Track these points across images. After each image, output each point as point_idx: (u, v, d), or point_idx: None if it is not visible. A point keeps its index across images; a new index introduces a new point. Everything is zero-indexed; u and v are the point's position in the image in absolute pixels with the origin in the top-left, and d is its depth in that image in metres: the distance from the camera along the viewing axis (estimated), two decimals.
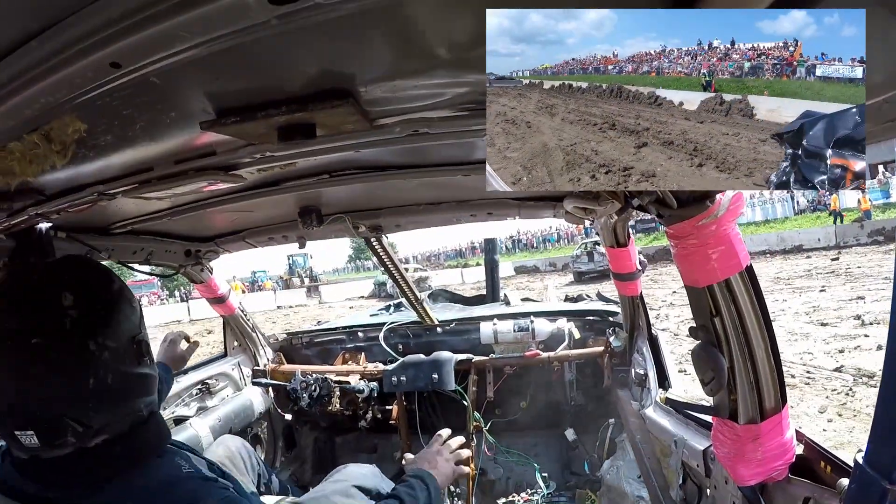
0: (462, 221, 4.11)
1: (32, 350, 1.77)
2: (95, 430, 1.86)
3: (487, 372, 5.67)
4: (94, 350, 1.83)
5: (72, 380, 1.81)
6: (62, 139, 1.66)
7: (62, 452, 1.83)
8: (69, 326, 1.81)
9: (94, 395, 1.83)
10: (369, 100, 1.70)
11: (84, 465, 1.86)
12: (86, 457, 1.86)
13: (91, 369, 1.83)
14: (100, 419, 1.86)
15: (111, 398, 1.89)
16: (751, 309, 2.34)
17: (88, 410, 1.83)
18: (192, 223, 3.76)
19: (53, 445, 1.81)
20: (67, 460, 1.84)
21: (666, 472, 3.66)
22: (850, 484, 1.92)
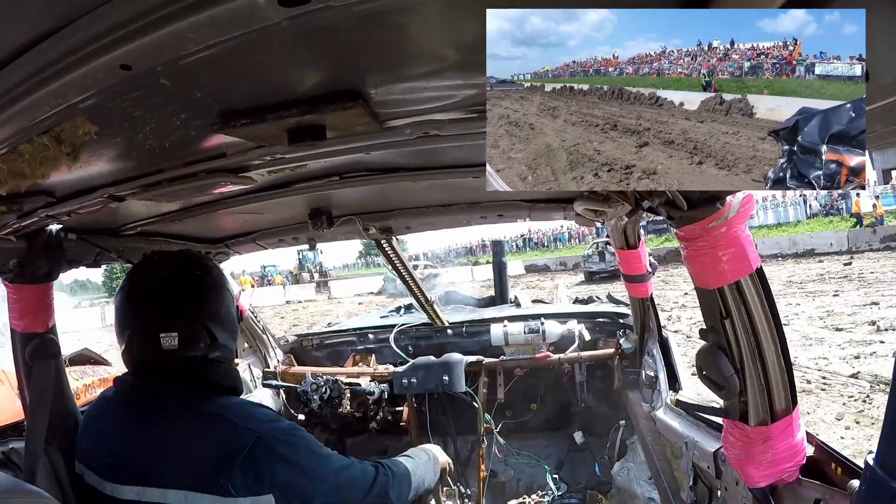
0: (472, 223, 4.11)
1: (191, 278, 2.59)
2: (218, 346, 2.58)
3: (498, 374, 5.67)
4: (225, 292, 2.67)
5: (212, 303, 2.60)
6: (72, 141, 1.66)
7: (194, 354, 2.50)
8: (213, 273, 2.66)
9: (222, 318, 2.61)
10: (379, 101, 1.70)
11: (203, 370, 2.54)
12: (206, 365, 2.55)
13: (223, 302, 2.64)
14: (222, 338, 2.59)
15: (230, 327, 2.67)
16: (761, 311, 2.33)
17: (217, 328, 2.56)
18: (202, 225, 3.76)
19: (188, 348, 2.47)
20: (193, 362, 2.51)
21: (676, 473, 3.65)
22: (860, 486, 1.92)
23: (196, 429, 2.39)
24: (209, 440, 2.34)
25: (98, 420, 2.66)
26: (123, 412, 2.55)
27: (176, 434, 2.39)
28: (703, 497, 3.23)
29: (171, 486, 2.29)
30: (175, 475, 2.30)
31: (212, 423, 2.38)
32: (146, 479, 2.34)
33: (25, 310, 3.18)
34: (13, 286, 3.11)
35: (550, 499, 5.40)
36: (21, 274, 3.03)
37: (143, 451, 2.40)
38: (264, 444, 2.31)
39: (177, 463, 2.32)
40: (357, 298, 55.26)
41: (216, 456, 2.29)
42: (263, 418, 2.44)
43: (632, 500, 4.42)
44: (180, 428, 2.40)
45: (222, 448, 2.30)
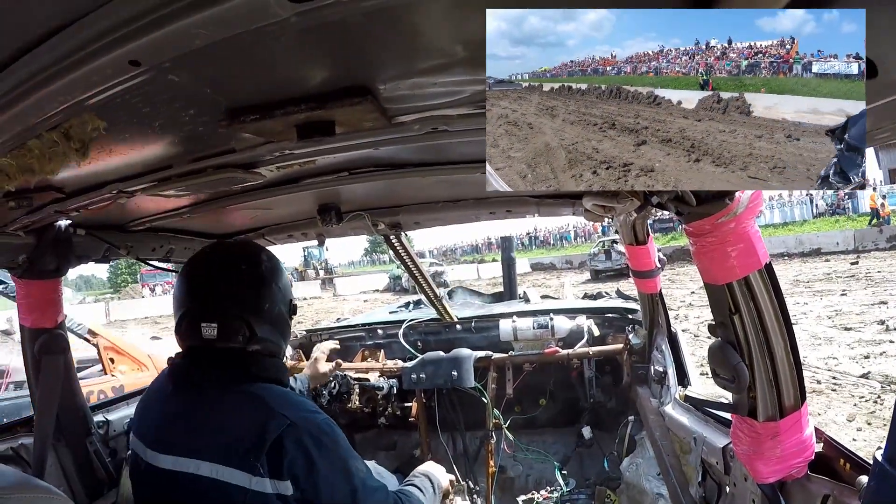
0: (481, 219, 4.11)
1: (238, 273, 2.70)
2: (256, 339, 2.66)
3: (507, 369, 5.66)
4: (273, 288, 2.75)
5: (256, 298, 2.69)
6: (81, 137, 1.66)
7: (231, 346, 2.62)
8: (263, 268, 2.75)
9: (265, 314, 2.70)
10: (388, 97, 1.70)
11: (243, 360, 2.64)
12: (245, 356, 2.65)
13: (269, 298, 2.73)
14: (262, 332, 2.67)
15: (273, 322, 2.74)
16: (770, 306, 2.33)
17: (258, 322, 2.66)
18: (211, 220, 3.76)
19: (226, 339, 2.60)
20: (232, 352, 2.63)
21: (685, 469, 3.65)
22: (869, 481, 1.92)
23: (234, 408, 2.54)
24: (245, 420, 2.47)
25: (152, 394, 2.87)
26: (171, 389, 2.71)
27: (215, 411, 2.55)
28: (711, 493, 3.22)
29: (205, 459, 2.43)
30: (209, 449, 2.44)
31: (250, 404, 2.51)
32: (183, 450, 2.49)
33: (34, 305, 3.20)
34: (22, 281, 3.12)
35: (559, 494, 5.39)
36: (30, 269, 3.05)
37: (184, 424, 2.57)
38: (295, 433, 2.41)
39: (212, 438, 2.46)
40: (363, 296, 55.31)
41: (249, 435, 2.40)
42: (300, 407, 2.55)
43: (640, 496, 4.42)
44: (220, 406, 2.56)
45: (256, 428, 2.41)
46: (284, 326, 2.86)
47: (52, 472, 3.31)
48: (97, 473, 3.55)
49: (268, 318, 2.71)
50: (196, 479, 2.42)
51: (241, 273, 2.72)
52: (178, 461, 2.48)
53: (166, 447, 2.54)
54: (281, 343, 2.84)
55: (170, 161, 2.17)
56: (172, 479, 2.49)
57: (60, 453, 3.39)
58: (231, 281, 2.69)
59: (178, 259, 4.16)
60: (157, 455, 2.55)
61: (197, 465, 2.43)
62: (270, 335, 2.73)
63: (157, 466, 2.54)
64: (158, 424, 2.66)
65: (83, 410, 3.51)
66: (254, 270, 2.74)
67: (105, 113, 1.58)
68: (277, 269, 2.84)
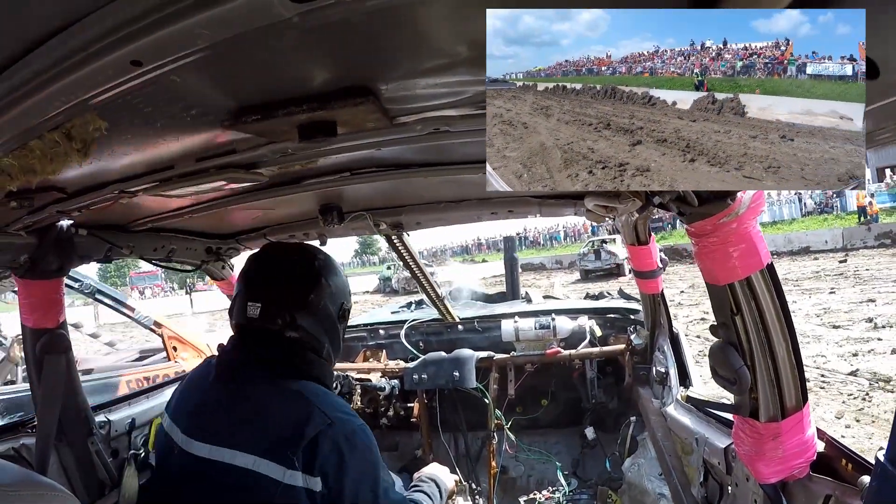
0: (483, 219, 4.12)
1: (292, 263, 2.90)
2: (295, 326, 2.74)
3: (509, 370, 5.67)
4: (322, 284, 2.84)
5: (302, 288, 2.80)
6: (83, 137, 1.66)
7: (269, 328, 2.74)
8: (315, 264, 2.89)
9: (308, 305, 2.79)
10: (390, 98, 1.70)
11: (277, 346, 2.74)
12: (283, 341, 2.74)
13: (315, 291, 2.82)
14: (302, 321, 2.76)
15: (314, 314, 2.81)
16: (772, 307, 2.33)
17: (299, 310, 2.75)
18: (213, 220, 3.76)
19: (266, 320, 2.73)
20: (270, 336, 2.75)
21: (687, 469, 3.66)
22: (871, 481, 1.92)
23: (277, 402, 2.60)
24: (286, 414, 2.53)
25: (192, 381, 2.96)
26: (213, 377, 2.78)
27: (256, 404, 2.61)
28: (713, 493, 3.23)
29: (242, 450, 2.48)
30: (248, 441, 2.49)
31: (292, 400, 2.58)
32: (220, 439, 2.55)
33: (36, 305, 3.20)
34: (24, 281, 3.12)
35: (561, 495, 5.40)
36: (32, 269, 3.05)
37: (224, 414, 2.63)
38: (332, 432, 2.47)
39: (252, 430, 2.53)
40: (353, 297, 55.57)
41: (289, 430, 2.46)
42: (341, 409, 2.62)
43: (642, 496, 4.43)
44: (262, 399, 2.62)
45: (296, 424, 2.47)
46: (329, 325, 2.90)
47: (54, 471, 3.31)
48: (99, 473, 3.55)
49: (311, 311, 2.80)
50: (230, 469, 2.47)
51: (292, 264, 2.91)
52: (214, 450, 2.53)
53: (203, 435, 2.60)
54: (323, 339, 2.87)
55: (172, 161, 2.17)
56: (206, 466, 2.53)
57: (62, 453, 3.39)
58: (281, 270, 2.89)
59: (179, 259, 4.16)
60: (193, 442, 2.61)
61: (233, 455, 2.48)
62: (311, 328, 2.80)
63: (190, 453, 2.59)
64: (197, 412, 2.73)
65: (85, 411, 3.51)
66: (305, 264, 2.90)
67: (107, 113, 1.58)
68: (331, 268, 2.95)
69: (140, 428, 4.03)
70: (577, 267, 52.30)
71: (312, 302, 2.80)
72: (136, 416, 3.99)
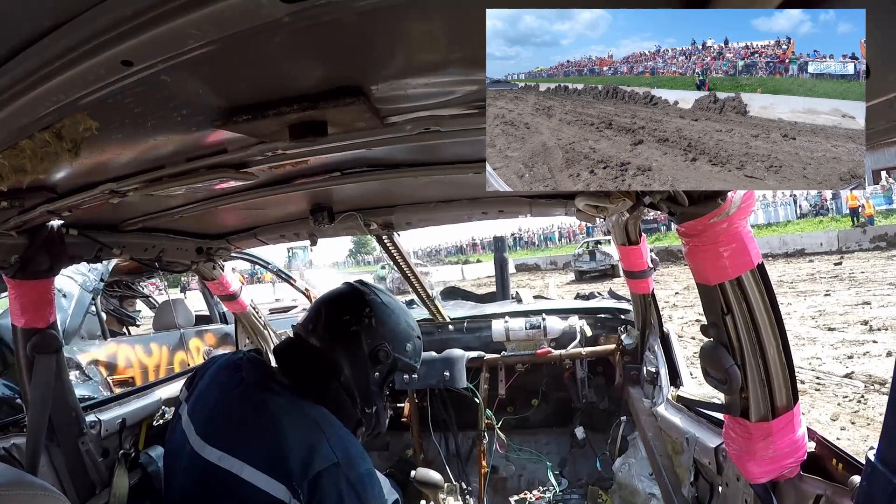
0: (474, 219, 4.12)
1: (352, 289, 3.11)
2: (318, 334, 2.95)
3: (499, 369, 5.67)
4: (362, 314, 2.96)
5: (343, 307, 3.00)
6: (73, 137, 1.66)
7: (305, 331, 3.00)
8: (368, 298, 3.03)
9: (338, 322, 2.94)
10: (380, 97, 1.70)
11: (304, 350, 2.96)
12: (306, 346, 2.96)
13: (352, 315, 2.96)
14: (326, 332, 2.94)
15: (341, 335, 2.92)
16: (762, 307, 2.34)
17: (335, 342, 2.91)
18: (203, 220, 3.76)
19: (306, 326, 3.01)
20: (299, 338, 3.02)
21: (678, 469, 3.66)
22: (861, 481, 1.92)
23: (293, 424, 2.57)
24: (299, 440, 2.50)
25: (218, 383, 2.92)
26: (238, 383, 2.80)
27: (274, 421, 2.58)
28: (704, 493, 3.24)
29: (250, 464, 2.46)
30: (257, 456, 2.47)
31: (308, 427, 2.57)
32: (232, 448, 2.54)
33: (27, 305, 3.19)
34: (14, 282, 3.11)
35: (551, 495, 5.41)
36: (22, 269, 3.04)
37: (240, 424, 2.64)
38: (336, 472, 2.44)
39: (264, 446, 2.50)
40: None
41: (299, 457, 2.44)
42: (351, 450, 2.58)
43: (633, 496, 4.44)
44: (280, 417, 2.59)
45: (305, 452, 2.45)
46: (354, 354, 2.94)
47: (45, 472, 3.30)
48: (90, 474, 3.54)
49: (338, 331, 2.94)
50: (236, 480, 2.46)
51: (354, 290, 3.10)
52: (224, 458, 2.52)
53: (216, 440, 2.60)
54: (342, 363, 2.92)
55: (162, 161, 2.17)
56: (214, 473, 2.52)
57: (53, 453, 3.38)
58: (343, 292, 3.12)
59: (169, 259, 4.15)
60: (205, 445, 2.61)
61: (241, 467, 2.47)
62: (333, 345, 2.92)
63: (201, 456, 2.59)
64: (215, 416, 2.74)
65: (75, 410, 3.50)
66: (360, 294, 3.07)
67: (97, 113, 1.58)
68: (382, 309, 3.05)
69: (131, 428, 4.02)
70: (572, 268, 52.30)
71: (343, 322, 2.92)
72: (126, 417, 3.98)
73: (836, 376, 12.37)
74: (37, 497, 1.73)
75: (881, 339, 14.84)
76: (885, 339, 14.76)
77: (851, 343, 15.03)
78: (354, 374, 2.92)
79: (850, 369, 12.67)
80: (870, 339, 15.08)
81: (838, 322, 17.87)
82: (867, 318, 17.62)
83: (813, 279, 29.12)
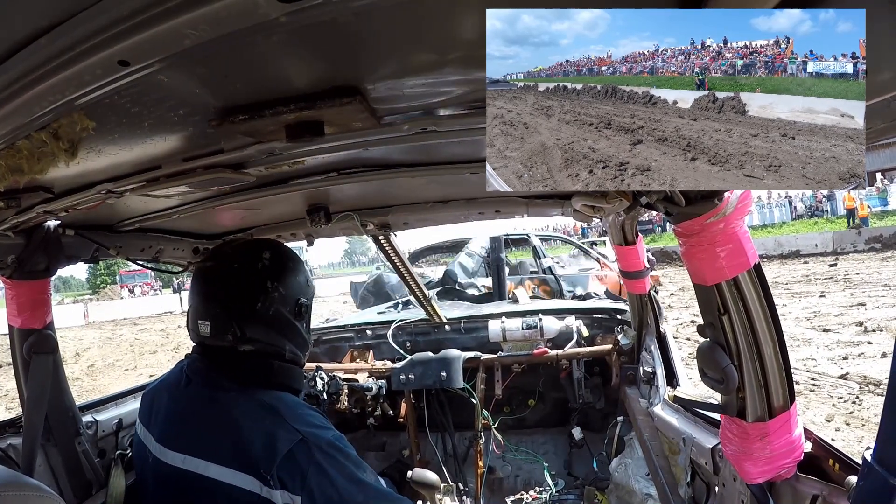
0: (470, 219, 4.12)
1: (232, 274, 2.78)
2: (247, 339, 2.71)
3: (496, 370, 5.67)
4: (269, 288, 2.76)
5: (247, 299, 2.73)
6: (70, 137, 1.66)
7: (222, 345, 2.72)
8: (259, 267, 2.79)
9: (255, 314, 2.72)
10: (377, 97, 1.70)
11: (236, 360, 2.72)
12: (237, 356, 2.72)
13: (261, 298, 2.74)
14: (252, 333, 2.71)
15: (265, 323, 2.75)
16: (759, 307, 2.34)
17: (247, 323, 2.71)
18: (200, 220, 3.77)
19: (217, 337, 2.71)
20: (225, 352, 2.73)
21: (674, 469, 3.66)
22: (858, 481, 1.92)
23: (248, 415, 2.56)
24: (257, 429, 2.50)
25: (164, 386, 2.93)
26: (186, 383, 2.79)
27: (228, 414, 2.57)
28: (700, 493, 3.24)
29: (214, 461, 2.47)
30: (219, 452, 2.48)
31: (263, 413, 2.56)
32: (193, 449, 2.55)
33: (24, 305, 3.19)
34: (11, 282, 3.11)
35: (548, 495, 5.41)
36: (19, 270, 3.04)
37: (197, 423, 2.64)
38: (305, 448, 2.44)
39: (224, 441, 2.50)
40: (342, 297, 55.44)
41: (261, 445, 2.44)
42: (312, 422, 2.57)
43: (629, 497, 4.44)
44: (234, 410, 2.58)
45: (267, 439, 2.45)
46: (286, 328, 2.84)
47: (41, 472, 3.30)
48: (86, 474, 3.54)
49: (261, 320, 2.74)
50: (204, 481, 2.46)
51: (234, 271, 2.79)
52: (188, 460, 2.53)
53: (177, 444, 2.60)
54: (282, 344, 2.82)
55: (159, 161, 2.17)
56: (181, 476, 2.53)
57: (49, 454, 3.38)
58: (224, 279, 2.79)
59: (166, 260, 4.15)
60: (166, 451, 2.61)
61: (206, 467, 2.47)
62: (264, 336, 2.76)
63: (164, 462, 2.60)
64: (169, 419, 2.72)
65: (72, 411, 3.50)
66: (247, 270, 2.78)
67: (94, 113, 1.58)
68: (279, 267, 2.85)
69: (127, 428, 4.01)
70: None
71: (260, 311, 2.75)
72: (123, 417, 3.97)
73: (830, 377, 12.38)
74: (33, 498, 1.73)
75: (876, 341, 14.85)
76: (880, 341, 14.77)
77: (846, 344, 15.05)
78: (293, 341, 2.89)
79: (844, 370, 12.68)
80: (865, 341, 15.10)
81: (833, 323, 17.89)
82: (862, 319, 17.64)
83: (808, 280, 29.16)
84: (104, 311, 52.32)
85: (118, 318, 49.47)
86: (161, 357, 25.12)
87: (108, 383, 20.28)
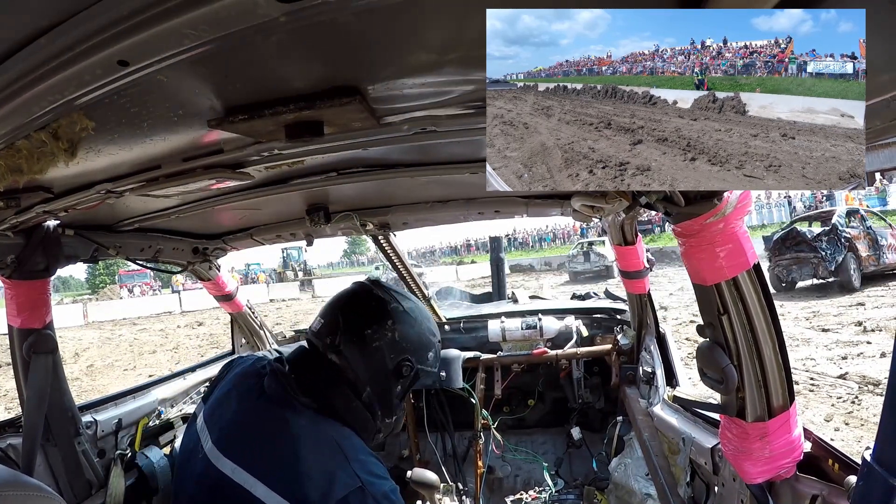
0: (470, 219, 4.12)
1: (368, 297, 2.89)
2: (338, 350, 2.75)
3: (495, 370, 5.68)
4: (385, 326, 2.79)
5: (363, 320, 2.79)
6: (70, 137, 1.66)
7: (317, 345, 2.83)
8: (391, 307, 2.85)
9: (359, 337, 2.75)
10: (377, 97, 1.70)
11: (317, 364, 2.80)
12: (319, 360, 2.80)
13: (373, 327, 2.76)
14: (345, 350, 2.75)
15: (362, 350, 2.75)
16: (758, 307, 2.34)
17: (349, 340, 2.75)
18: (199, 220, 3.76)
19: (319, 336, 2.83)
20: (313, 355, 2.84)
21: (674, 469, 3.66)
22: (857, 481, 1.92)
23: (313, 447, 2.47)
24: (319, 465, 2.41)
25: (238, 392, 2.81)
26: (258, 395, 2.72)
27: (295, 442, 2.48)
28: (700, 493, 3.24)
29: (265, 482, 2.38)
30: (274, 475, 2.40)
31: (329, 449, 2.47)
32: (246, 463, 2.45)
33: (23, 305, 3.18)
34: (11, 282, 3.11)
35: (548, 495, 5.40)
36: (19, 269, 3.03)
37: (259, 439, 2.55)
38: (361, 496, 2.34)
39: (281, 466, 2.41)
40: None
41: (318, 483, 2.34)
42: (373, 470, 2.47)
43: (629, 496, 4.43)
44: (301, 438, 2.49)
45: (326, 479, 2.36)
46: (378, 371, 2.80)
47: (41, 472, 3.30)
48: (86, 474, 3.54)
49: (361, 344, 2.76)
50: (248, 496, 2.39)
51: (369, 296, 2.90)
52: (237, 471, 2.46)
53: (230, 452, 2.54)
54: (364, 380, 2.79)
55: (158, 161, 2.17)
56: (226, 485, 2.46)
57: (49, 453, 3.38)
58: (357, 298, 2.91)
59: (165, 260, 4.15)
60: (220, 455, 2.55)
61: (254, 484, 2.40)
62: (353, 360, 2.76)
63: (214, 465, 2.53)
64: (232, 426, 2.67)
65: (71, 411, 3.50)
66: (379, 301, 2.88)
67: (94, 113, 1.58)
68: (405, 319, 2.88)
69: (127, 428, 4.01)
70: (567, 269, 52.37)
71: (366, 337, 2.75)
72: (122, 417, 3.97)
73: (830, 377, 12.37)
74: (32, 497, 1.73)
75: (875, 341, 14.82)
76: (879, 340, 14.74)
77: (845, 344, 15.02)
78: (377, 390, 2.81)
79: (843, 370, 12.67)
80: (864, 340, 15.07)
81: (832, 323, 17.86)
82: (861, 319, 17.59)
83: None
84: (103, 311, 52.23)
85: (117, 318, 49.30)
86: (160, 357, 25.11)
87: (107, 383, 20.27)
